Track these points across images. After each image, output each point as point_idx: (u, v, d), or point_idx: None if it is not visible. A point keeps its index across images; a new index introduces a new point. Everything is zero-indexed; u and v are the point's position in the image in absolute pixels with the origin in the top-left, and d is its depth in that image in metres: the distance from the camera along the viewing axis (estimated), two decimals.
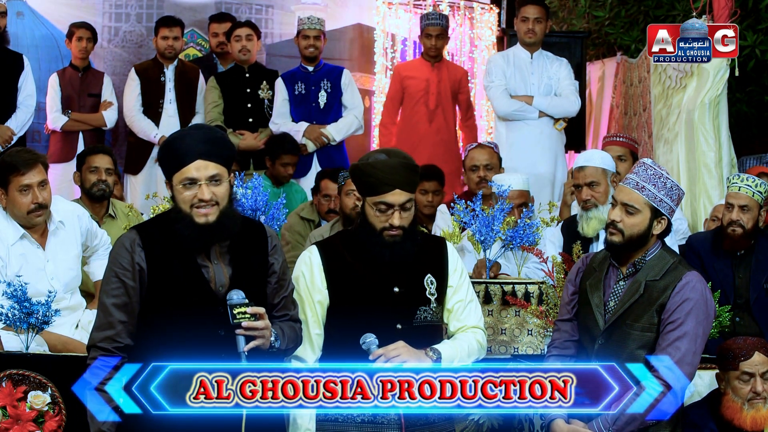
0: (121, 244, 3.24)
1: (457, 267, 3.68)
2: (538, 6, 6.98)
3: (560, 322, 3.81)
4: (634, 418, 3.51)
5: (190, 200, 3.18)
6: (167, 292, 3.19)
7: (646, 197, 3.58)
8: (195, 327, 3.18)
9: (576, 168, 5.09)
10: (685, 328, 3.54)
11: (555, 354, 3.78)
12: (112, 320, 3.19)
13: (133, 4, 8.39)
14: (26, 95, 6.99)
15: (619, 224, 3.60)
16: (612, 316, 3.61)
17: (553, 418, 3.64)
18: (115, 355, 3.17)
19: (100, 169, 5.65)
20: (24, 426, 3.90)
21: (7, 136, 6.82)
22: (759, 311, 5.09)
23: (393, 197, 3.47)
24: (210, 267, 3.24)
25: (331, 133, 7.19)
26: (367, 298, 3.52)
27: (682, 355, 3.52)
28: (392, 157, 3.50)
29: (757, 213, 5.10)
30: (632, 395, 3.51)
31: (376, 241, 3.51)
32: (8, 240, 4.38)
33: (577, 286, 3.78)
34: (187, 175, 3.17)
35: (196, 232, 3.18)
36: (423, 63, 7.47)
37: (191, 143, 3.19)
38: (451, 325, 3.68)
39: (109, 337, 3.20)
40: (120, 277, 3.19)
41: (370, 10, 8.48)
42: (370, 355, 3.42)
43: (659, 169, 3.62)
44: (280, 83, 7.26)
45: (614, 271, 3.69)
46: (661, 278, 3.60)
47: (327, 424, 3.53)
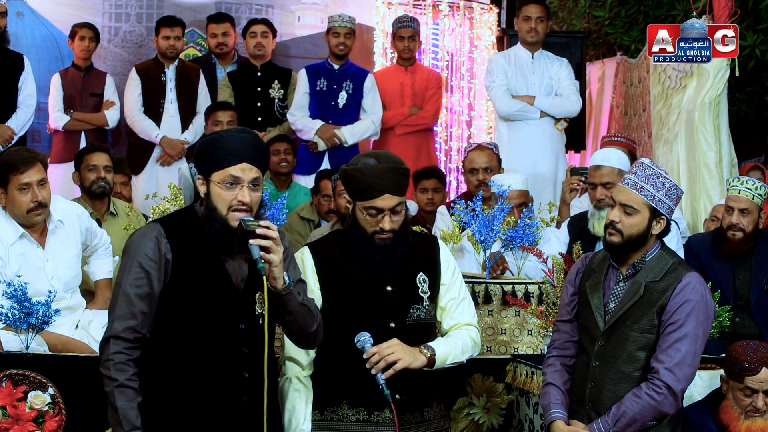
0: (143, 235, 3.23)
1: (450, 265, 3.70)
2: (540, 5, 6.98)
3: (560, 322, 3.81)
4: (635, 419, 3.51)
5: (230, 201, 3.18)
6: (190, 285, 3.19)
7: (645, 197, 3.58)
8: (215, 320, 3.19)
9: (592, 166, 5.10)
10: (686, 329, 3.53)
11: (555, 355, 3.78)
12: (135, 310, 3.17)
13: (133, 4, 8.38)
14: (27, 95, 7.00)
15: (618, 225, 3.59)
16: (612, 317, 3.61)
17: (554, 419, 3.64)
18: (136, 347, 3.17)
19: (99, 167, 5.67)
20: (24, 426, 3.90)
21: (8, 136, 6.83)
22: (759, 312, 5.09)
23: (383, 202, 3.48)
24: (231, 262, 3.26)
25: (345, 135, 7.23)
26: (360, 297, 3.53)
27: (682, 356, 3.51)
28: (382, 161, 3.50)
29: (757, 216, 5.10)
30: (633, 396, 3.53)
31: (367, 244, 3.53)
32: (8, 239, 4.38)
33: (576, 287, 3.77)
34: (233, 173, 3.18)
35: (229, 233, 3.18)
36: (397, 68, 7.60)
37: (240, 145, 3.21)
38: (445, 323, 3.70)
39: (131, 327, 3.17)
40: (144, 267, 3.17)
41: (370, 10, 8.48)
42: (365, 353, 3.43)
43: (658, 169, 3.62)
44: (303, 75, 7.29)
45: (614, 272, 3.68)
46: (661, 279, 3.59)
47: (322, 424, 3.54)
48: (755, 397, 3.80)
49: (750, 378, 3.80)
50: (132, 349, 3.17)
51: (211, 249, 3.23)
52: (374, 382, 3.43)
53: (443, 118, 8.07)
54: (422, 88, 7.53)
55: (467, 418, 4.40)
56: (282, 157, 6.87)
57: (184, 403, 3.17)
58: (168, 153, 7.29)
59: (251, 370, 3.22)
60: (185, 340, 3.18)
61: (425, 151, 7.58)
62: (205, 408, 3.18)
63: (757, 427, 3.82)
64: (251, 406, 3.22)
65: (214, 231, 3.21)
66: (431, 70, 7.86)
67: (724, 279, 5.08)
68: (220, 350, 3.19)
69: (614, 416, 3.53)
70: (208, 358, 3.18)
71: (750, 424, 3.83)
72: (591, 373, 3.61)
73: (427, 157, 7.54)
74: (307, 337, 3.36)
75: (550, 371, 3.74)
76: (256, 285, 3.25)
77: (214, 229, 3.20)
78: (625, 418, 3.51)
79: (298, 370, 3.57)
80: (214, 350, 3.18)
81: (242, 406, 3.21)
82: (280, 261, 3.16)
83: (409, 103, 7.50)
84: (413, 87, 7.50)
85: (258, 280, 3.22)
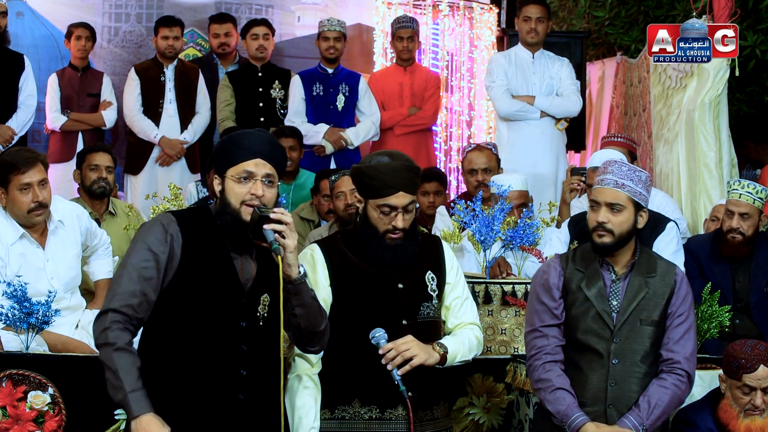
0: (156, 221, 3.23)
1: (453, 264, 3.73)
2: (540, 6, 6.98)
3: (545, 327, 3.71)
4: (666, 410, 3.60)
5: (243, 195, 3.19)
6: (195, 277, 3.19)
7: (629, 193, 3.62)
8: (217, 314, 3.19)
9: (591, 168, 5.10)
10: (690, 321, 3.67)
11: (550, 360, 3.68)
12: (136, 290, 3.14)
13: (133, 4, 8.38)
14: (27, 95, 7.00)
15: (608, 225, 3.61)
16: (622, 315, 3.63)
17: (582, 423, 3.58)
18: (132, 324, 3.14)
19: (101, 167, 5.67)
20: (24, 426, 3.90)
21: (8, 136, 6.83)
22: (759, 314, 5.10)
23: (396, 200, 3.49)
24: (239, 259, 3.26)
25: (350, 137, 7.27)
26: (371, 294, 3.54)
27: (693, 346, 3.66)
28: (395, 159, 3.52)
29: (758, 219, 5.11)
30: (660, 388, 3.57)
31: (378, 243, 3.54)
32: (8, 240, 4.38)
33: (562, 290, 3.73)
34: (246, 168, 3.20)
35: (240, 226, 3.19)
36: (396, 68, 7.63)
37: (254, 141, 3.25)
38: (449, 322, 3.71)
39: (131, 305, 3.14)
40: (153, 250, 3.16)
41: (370, 10, 8.48)
42: (380, 349, 3.43)
43: (630, 164, 3.70)
44: (297, 81, 7.31)
45: (606, 272, 3.70)
46: (656, 273, 3.67)
47: (333, 423, 3.54)
48: (753, 395, 3.81)
49: (748, 376, 3.81)
50: (129, 323, 3.13)
51: (221, 244, 3.23)
52: (386, 380, 3.42)
53: (443, 118, 8.07)
54: (421, 89, 7.56)
55: (467, 418, 4.40)
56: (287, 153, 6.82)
57: (180, 396, 3.16)
58: (167, 153, 7.28)
59: (249, 368, 3.22)
60: (185, 331, 3.17)
61: (424, 152, 7.60)
62: (201, 403, 3.17)
63: (756, 425, 3.83)
64: (247, 404, 3.22)
65: (225, 223, 3.21)
66: (430, 71, 7.87)
67: (723, 281, 5.08)
68: (220, 345, 3.18)
69: (647, 410, 3.56)
70: (208, 352, 3.17)
71: (749, 422, 3.83)
72: (611, 372, 3.61)
73: (426, 157, 7.55)
74: (315, 336, 3.34)
75: (554, 376, 3.65)
76: (262, 286, 3.26)
77: (225, 221, 3.21)
78: (658, 410, 3.57)
79: (307, 367, 3.56)
80: (214, 345, 3.18)
81: (238, 403, 3.21)
82: (295, 247, 3.17)
83: (408, 104, 7.52)
84: (412, 87, 7.53)
85: (265, 281, 3.24)
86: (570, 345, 3.70)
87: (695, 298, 4.64)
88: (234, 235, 3.22)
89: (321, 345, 3.39)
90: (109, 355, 3.08)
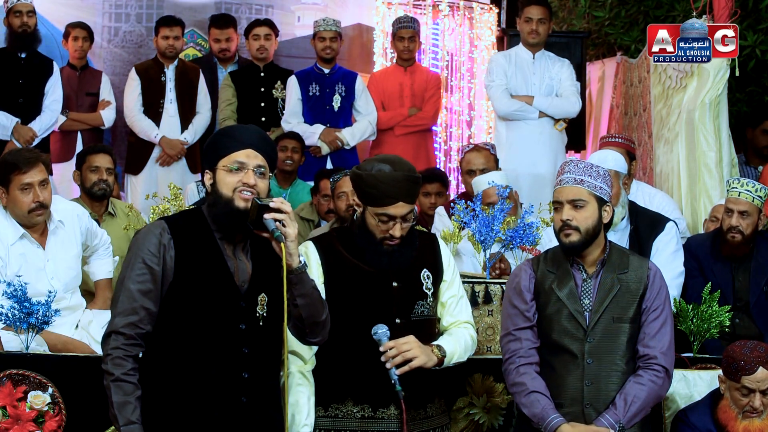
0: (148, 231, 3.24)
1: (450, 262, 3.74)
2: (542, 6, 6.97)
3: (518, 331, 3.72)
4: (643, 406, 3.59)
5: (234, 184, 3.19)
6: (192, 282, 3.19)
7: (588, 188, 3.63)
8: (216, 319, 3.19)
9: None
10: (665, 314, 3.67)
11: (524, 363, 3.69)
12: (136, 306, 3.17)
13: (133, 4, 8.38)
14: (53, 100, 7.06)
15: (572, 222, 3.62)
16: (595, 314, 3.64)
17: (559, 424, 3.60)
18: (136, 343, 3.17)
19: (101, 169, 5.66)
20: (24, 426, 3.90)
21: (29, 137, 6.87)
22: (759, 314, 5.09)
23: (395, 210, 3.49)
24: (234, 261, 3.26)
25: (346, 137, 7.27)
26: (365, 293, 3.54)
27: (669, 340, 3.65)
28: (396, 168, 3.50)
29: (757, 218, 5.11)
30: (636, 385, 3.56)
31: (374, 249, 3.55)
32: (8, 240, 4.38)
33: (533, 292, 3.74)
34: (237, 158, 3.20)
35: (234, 214, 3.18)
36: (396, 68, 7.64)
37: (245, 133, 3.27)
38: (444, 320, 3.73)
39: (132, 323, 3.17)
40: (147, 263, 3.18)
41: (370, 10, 8.48)
42: (381, 346, 3.42)
43: (587, 162, 3.71)
44: (293, 82, 7.31)
45: (577, 272, 3.71)
46: (629, 269, 3.68)
47: (326, 421, 3.54)
48: (752, 397, 3.81)
49: (747, 377, 3.80)
50: (131, 345, 3.16)
51: (215, 248, 3.23)
52: (379, 379, 3.43)
53: (443, 118, 8.07)
54: (421, 89, 7.56)
55: (467, 418, 4.40)
56: (288, 154, 6.86)
57: (183, 402, 3.17)
58: (167, 153, 7.29)
59: (251, 370, 3.22)
60: (185, 337, 3.18)
61: (424, 152, 7.61)
62: (204, 407, 3.17)
63: (754, 427, 3.83)
64: (250, 406, 3.22)
65: (219, 214, 3.21)
66: (430, 71, 7.87)
67: (723, 280, 5.08)
68: (221, 349, 3.19)
69: (623, 407, 3.56)
70: (208, 357, 3.18)
71: (747, 424, 3.83)
72: (586, 372, 3.62)
73: (425, 157, 7.55)
74: (316, 326, 3.32)
75: (528, 379, 3.65)
76: (259, 286, 3.26)
77: (218, 213, 3.21)
78: (635, 407, 3.56)
79: (301, 364, 3.56)
80: (215, 349, 3.18)
81: (241, 406, 3.21)
82: (296, 236, 3.17)
83: (408, 104, 7.52)
84: (412, 87, 7.53)
85: (261, 281, 3.24)
86: (545, 347, 3.71)
87: (695, 297, 4.66)
88: (228, 225, 3.21)
89: (323, 336, 3.38)
90: (108, 385, 3.13)
